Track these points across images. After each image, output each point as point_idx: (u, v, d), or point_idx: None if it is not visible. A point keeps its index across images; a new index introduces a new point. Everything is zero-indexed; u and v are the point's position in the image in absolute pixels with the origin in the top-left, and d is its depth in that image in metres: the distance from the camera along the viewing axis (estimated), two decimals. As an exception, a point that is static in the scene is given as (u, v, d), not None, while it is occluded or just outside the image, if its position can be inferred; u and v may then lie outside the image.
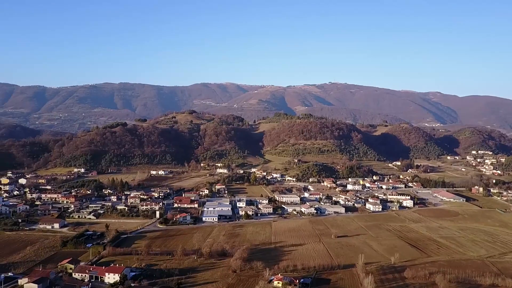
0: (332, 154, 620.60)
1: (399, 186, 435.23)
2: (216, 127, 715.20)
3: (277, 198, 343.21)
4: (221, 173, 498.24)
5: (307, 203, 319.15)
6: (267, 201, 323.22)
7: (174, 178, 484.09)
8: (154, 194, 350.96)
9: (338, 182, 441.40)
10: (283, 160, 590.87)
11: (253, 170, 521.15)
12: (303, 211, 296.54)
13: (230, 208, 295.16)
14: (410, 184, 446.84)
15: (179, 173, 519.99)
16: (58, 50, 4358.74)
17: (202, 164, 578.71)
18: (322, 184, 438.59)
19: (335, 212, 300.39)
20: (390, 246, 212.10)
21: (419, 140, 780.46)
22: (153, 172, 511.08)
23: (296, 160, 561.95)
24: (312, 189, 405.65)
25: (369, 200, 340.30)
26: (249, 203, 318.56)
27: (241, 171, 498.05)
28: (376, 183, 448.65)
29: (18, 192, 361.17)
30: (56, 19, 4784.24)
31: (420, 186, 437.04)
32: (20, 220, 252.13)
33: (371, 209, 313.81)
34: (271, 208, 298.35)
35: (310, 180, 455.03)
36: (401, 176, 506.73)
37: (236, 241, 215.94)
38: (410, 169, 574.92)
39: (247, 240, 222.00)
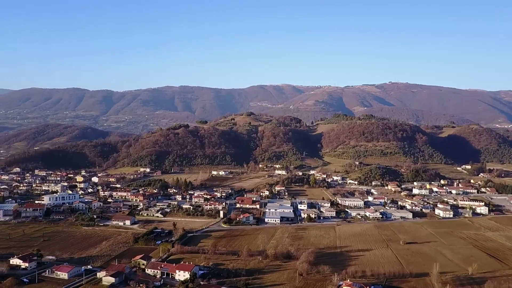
0: (395, 157, 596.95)
1: (471, 191, 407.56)
2: (274, 129, 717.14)
3: (339, 201, 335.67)
4: (280, 174, 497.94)
5: (372, 207, 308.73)
6: (329, 204, 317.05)
7: (234, 178, 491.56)
8: (216, 194, 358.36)
9: (403, 186, 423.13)
10: (343, 162, 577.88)
11: (312, 172, 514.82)
12: (367, 215, 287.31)
13: (291, 210, 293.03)
14: (482, 190, 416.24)
15: (239, 174, 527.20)
16: (124, 56, 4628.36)
17: (260, 165, 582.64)
18: (386, 187, 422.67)
19: (401, 217, 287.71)
20: (466, 255, 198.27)
21: (491, 142, 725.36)
22: (214, 173, 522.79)
23: (357, 163, 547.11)
24: (375, 192, 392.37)
25: (438, 205, 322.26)
26: (311, 205, 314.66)
27: (300, 173, 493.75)
28: (444, 187, 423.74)
29: (91, 190, 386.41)
30: (122, 30, 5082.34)
31: (495, 191, 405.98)
32: (95, 216, 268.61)
33: (441, 215, 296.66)
34: (334, 212, 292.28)
35: (373, 183, 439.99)
36: (472, 181, 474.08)
37: (301, 244, 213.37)
38: (481, 173, 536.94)
39: (311, 243, 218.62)
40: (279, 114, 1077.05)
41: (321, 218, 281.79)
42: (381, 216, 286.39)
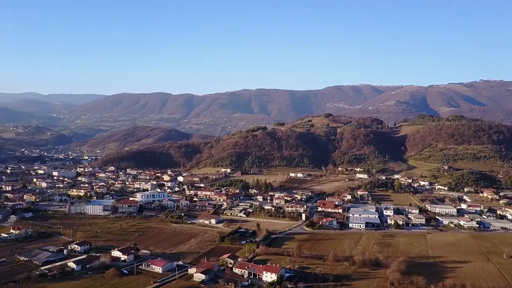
0: (490, 161, 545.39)
1: None
2: (354, 130, 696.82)
3: (428, 208, 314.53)
4: (361, 178, 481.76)
5: (466, 216, 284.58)
6: (417, 211, 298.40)
7: (312, 181, 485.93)
8: (296, 196, 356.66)
9: (501, 194, 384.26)
10: (430, 166, 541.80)
11: (396, 176, 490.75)
12: (461, 224, 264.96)
13: (377, 216, 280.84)
14: None
15: (317, 176, 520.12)
16: (204, 62, 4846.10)
17: (339, 168, 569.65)
18: (481, 195, 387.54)
19: (502, 228, 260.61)
20: None
21: None
22: (292, 175, 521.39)
23: (446, 167, 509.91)
24: (468, 200, 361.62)
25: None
26: (397, 211, 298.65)
27: (383, 177, 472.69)
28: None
29: (178, 189, 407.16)
30: (201, 38, 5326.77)
31: None
32: (182, 214, 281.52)
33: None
34: (424, 219, 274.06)
35: (465, 190, 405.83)
36: None
37: (389, 252, 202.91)
38: None
39: (401, 251, 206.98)
40: (357, 115, 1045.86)
41: (410, 225, 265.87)
42: (478, 225, 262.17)
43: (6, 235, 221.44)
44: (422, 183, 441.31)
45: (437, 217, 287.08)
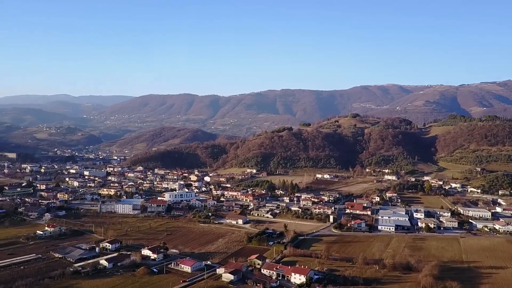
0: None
1: None
2: (382, 131, 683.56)
3: (461, 211, 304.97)
4: (390, 180, 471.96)
5: (501, 220, 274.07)
6: (449, 214, 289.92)
7: (340, 182, 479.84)
8: (324, 197, 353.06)
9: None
10: (462, 168, 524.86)
11: (425, 178, 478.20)
12: (496, 228, 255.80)
13: (407, 219, 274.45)
14: None
15: (344, 178, 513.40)
16: (229, 63, 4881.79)
17: (367, 170, 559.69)
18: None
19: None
20: None
21: None
22: (319, 176, 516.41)
23: (478, 169, 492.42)
24: (503, 203, 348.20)
25: None
26: (428, 214, 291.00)
27: (413, 179, 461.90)
28: None
29: (205, 189, 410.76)
30: (224, 40, 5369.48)
31: None
32: (210, 214, 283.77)
33: None
34: (456, 222, 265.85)
35: (500, 192, 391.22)
36: None
37: (421, 255, 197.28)
38: None
39: (432, 255, 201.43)
40: (385, 116, 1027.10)
41: (441, 228, 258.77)
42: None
43: (42, 232, 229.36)
44: (453, 185, 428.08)
45: (470, 220, 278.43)
